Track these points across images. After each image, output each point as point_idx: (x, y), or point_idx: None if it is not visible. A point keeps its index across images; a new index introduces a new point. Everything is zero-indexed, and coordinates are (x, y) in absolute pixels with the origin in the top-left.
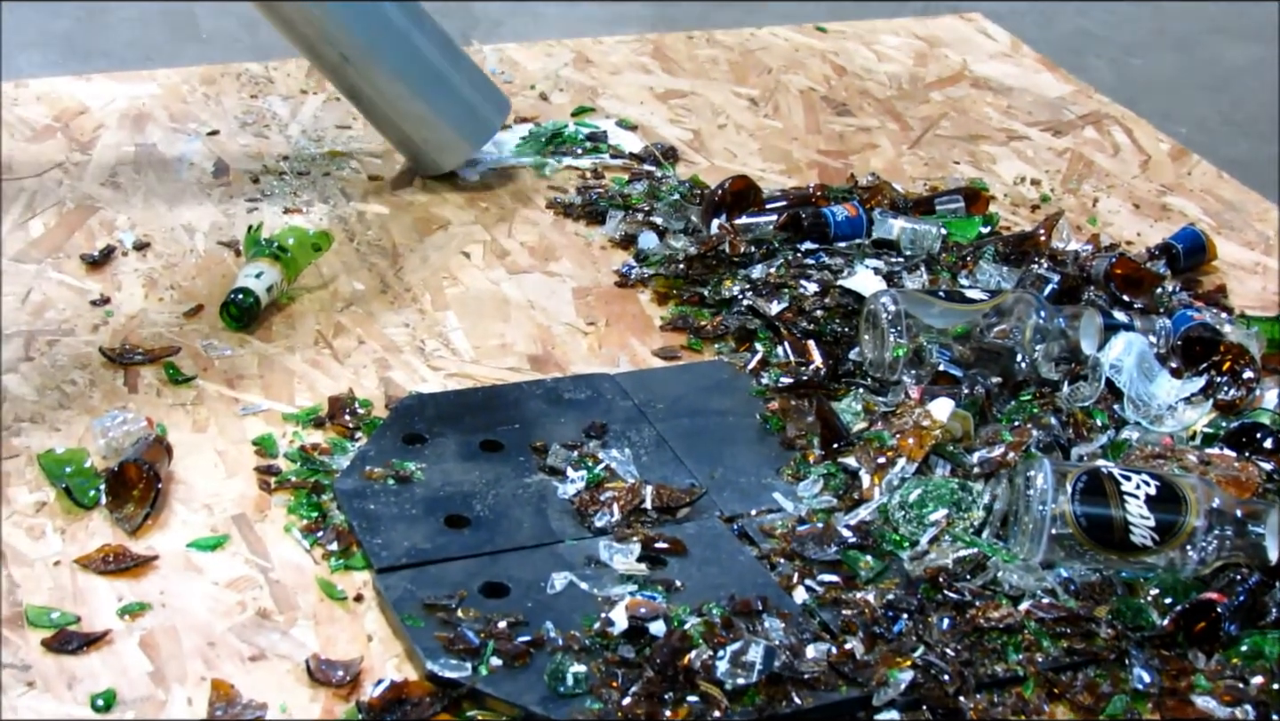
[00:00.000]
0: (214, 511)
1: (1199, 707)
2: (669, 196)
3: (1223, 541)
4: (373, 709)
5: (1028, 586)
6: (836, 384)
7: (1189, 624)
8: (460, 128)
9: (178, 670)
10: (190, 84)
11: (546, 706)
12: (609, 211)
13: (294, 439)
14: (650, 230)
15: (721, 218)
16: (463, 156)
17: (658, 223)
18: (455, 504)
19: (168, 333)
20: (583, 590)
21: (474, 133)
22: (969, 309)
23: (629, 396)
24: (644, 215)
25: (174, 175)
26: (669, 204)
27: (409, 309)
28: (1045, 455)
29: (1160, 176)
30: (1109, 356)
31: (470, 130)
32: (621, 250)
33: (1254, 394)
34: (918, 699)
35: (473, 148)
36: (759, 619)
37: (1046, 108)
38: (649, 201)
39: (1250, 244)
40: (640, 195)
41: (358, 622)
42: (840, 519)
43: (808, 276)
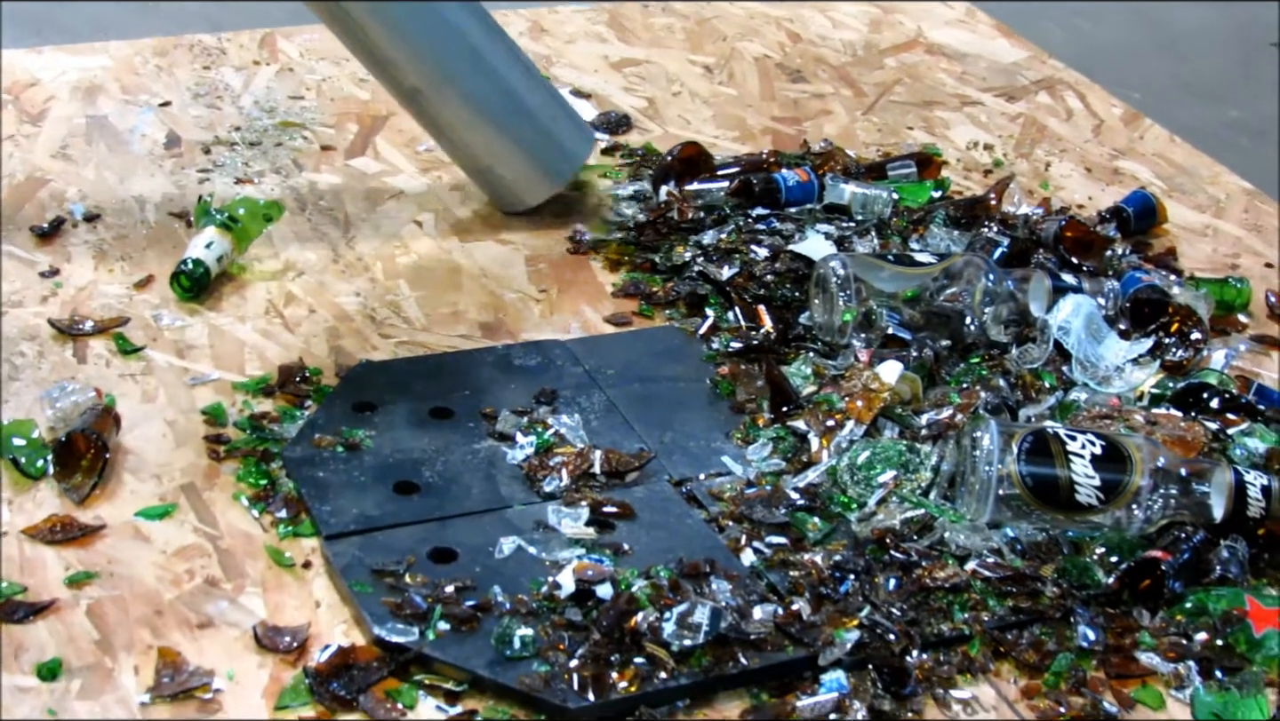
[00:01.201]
0: (162, 481)
1: (1143, 664)
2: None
3: (1168, 500)
4: (320, 674)
5: (974, 546)
6: (786, 348)
7: (1134, 582)
8: (543, 162)
9: (125, 639)
10: (142, 55)
11: (494, 670)
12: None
13: (243, 408)
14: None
15: (671, 184)
16: (545, 192)
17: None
18: (404, 470)
19: (117, 304)
20: (531, 554)
21: (557, 167)
22: (918, 272)
23: (579, 363)
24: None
25: (125, 147)
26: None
27: (360, 278)
28: (993, 417)
29: (1112, 141)
30: (1057, 319)
31: (553, 164)
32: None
33: (1201, 355)
34: (864, 658)
35: (556, 183)
36: (706, 581)
37: (1000, 73)
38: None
39: (1201, 207)
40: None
41: (306, 589)
42: (789, 481)
43: (759, 242)
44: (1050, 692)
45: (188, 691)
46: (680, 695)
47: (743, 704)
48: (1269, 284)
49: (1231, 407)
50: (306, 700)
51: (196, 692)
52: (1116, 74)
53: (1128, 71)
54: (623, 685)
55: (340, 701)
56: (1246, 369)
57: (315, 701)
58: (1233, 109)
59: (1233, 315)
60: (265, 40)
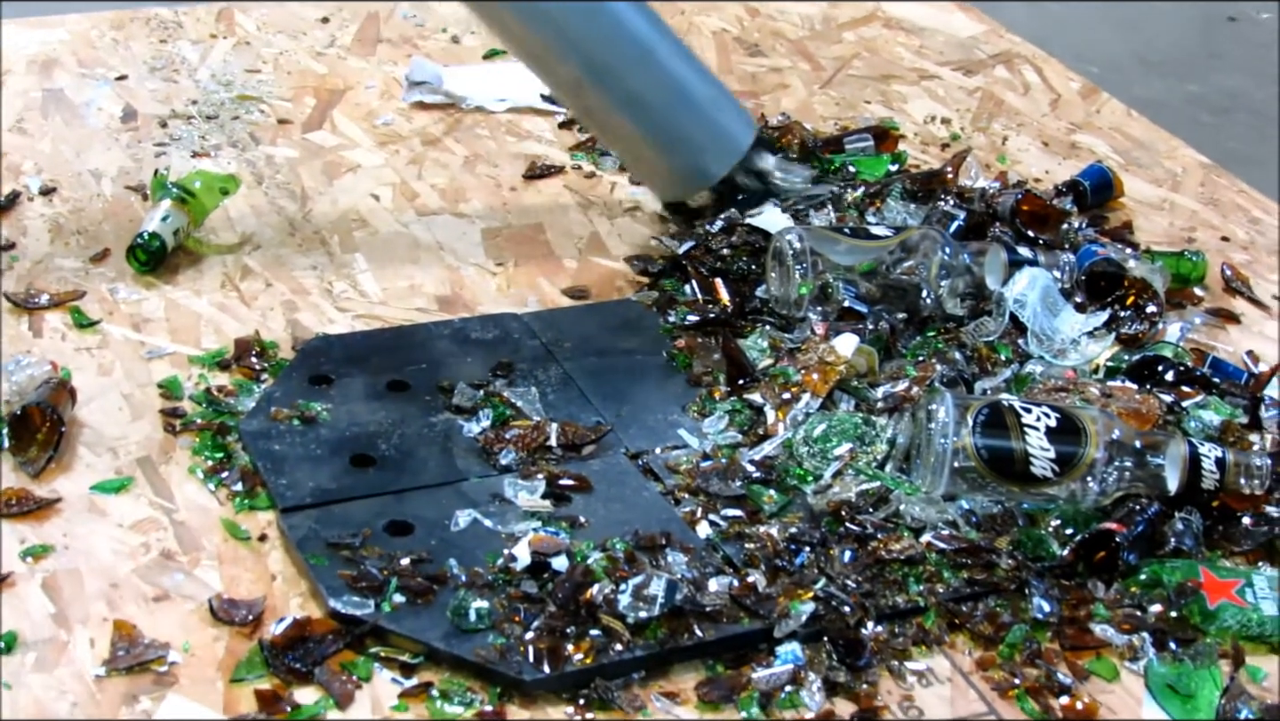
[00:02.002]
0: (118, 454)
1: (1097, 635)
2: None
3: (1123, 472)
4: (275, 647)
5: (929, 518)
6: (743, 321)
7: (1089, 554)
8: (706, 151)
9: (80, 612)
10: (99, 29)
11: (449, 642)
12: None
13: (200, 381)
14: None
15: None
16: (707, 181)
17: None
18: (361, 444)
19: (73, 277)
20: (487, 527)
21: (720, 155)
22: (875, 245)
23: (536, 336)
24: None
25: (81, 120)
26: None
27: (317, 251)
28: (948, 390)
29: (1069, 115)
30: (1013, 292)
31: (717, 153)
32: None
33: (1156, 328)
34: (819, 630)
35: (719, 172)
36: (662, 553)
37: (958, 47)
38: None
39: (1158, 181)
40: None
41: (262, 562)
42: (745, 454)
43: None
44: (1005, 664)
45: (143, 664)
46: (636, 667)
47: (698, 675)
48: (1225, 257)
49: (1186, 380)
50: (262, 672)
51: (152, 665)
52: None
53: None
54: (578, 657)
55: (296, 674)
56: (1202, 342)
57: (271, 674)
58: (1191, 84)
59: (1188, 288)
60: (222, 14)
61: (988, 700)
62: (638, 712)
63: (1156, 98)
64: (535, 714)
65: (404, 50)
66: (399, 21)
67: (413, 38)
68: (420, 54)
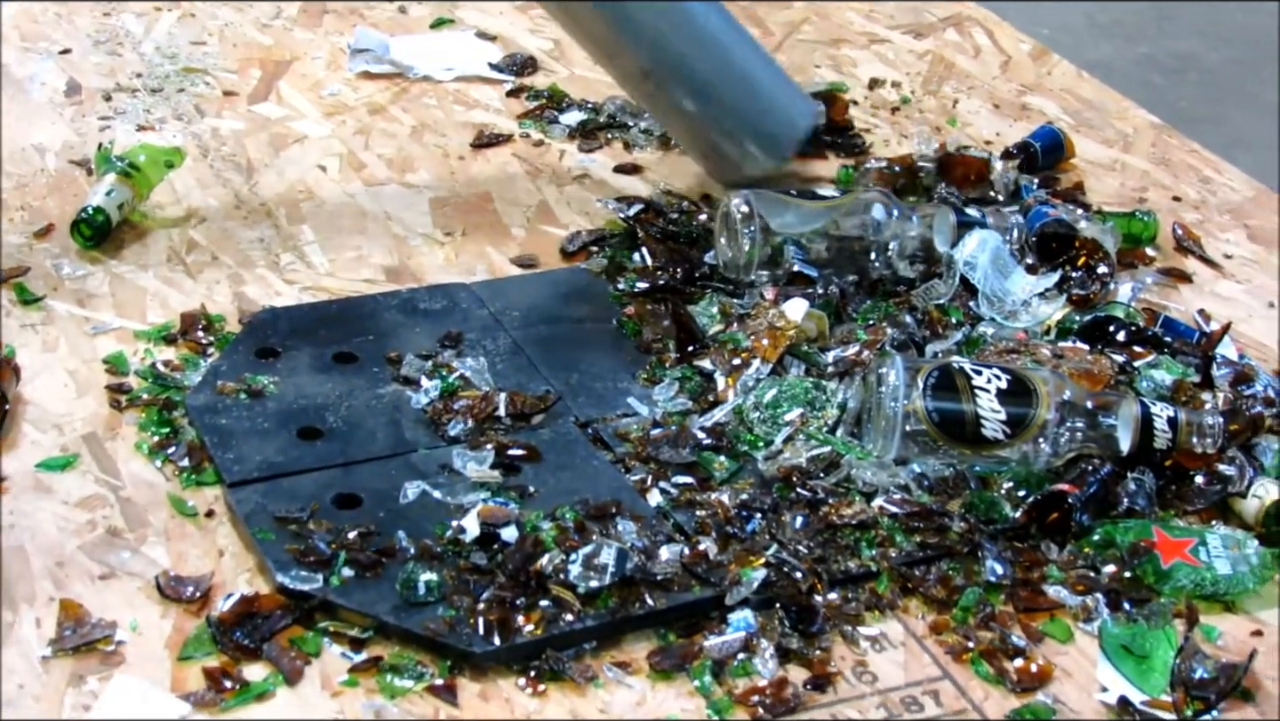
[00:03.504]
0: (64, 431)
1: (1051, 597)
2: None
3: (1074, 433)
4: (223, 623)
5: (881, 483)
6: (692, 287)
7: (1041, 515)
8: (769, 136)
9: (26, 591)
10: (42, 4)
11: (399, 615)
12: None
13: (145, 356)
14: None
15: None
16: (769, 166)
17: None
18: (308, 416)
19: (17, 253)
20: (436, 499)
21: (782, 140)
22: (822, 206)
23: (485, 305)
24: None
25: (25, 95)
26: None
27: (264, 224)
28: (899, 353)
29: (1020, 77)
30: (964, 254)
31: (779, 138)
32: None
33: (1108, 288)
34: (771, 597)
35: (781, 156)
36: (612, 522)
37: (909, 11)
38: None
39: (1109, 142)
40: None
41: (209, 538)
42: (695, 421)
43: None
44: (958, 627)
45: (90, 643)
46: (587, 637)
47: (650, 645)
48: (1176, 217)
49: (1138, 340)
50: (210, 650)
51: (99, 644)
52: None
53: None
54: (529, 628)
55: (244, 650)
56: (1154, 301)
57: (219, 651)
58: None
59: (1140, 248)
60: None
61: (941, 664)
62: (589, 683)
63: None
64: (486, 686)
65: (350, 21)
66: None
67: (359, 8)
68: (366, 25)
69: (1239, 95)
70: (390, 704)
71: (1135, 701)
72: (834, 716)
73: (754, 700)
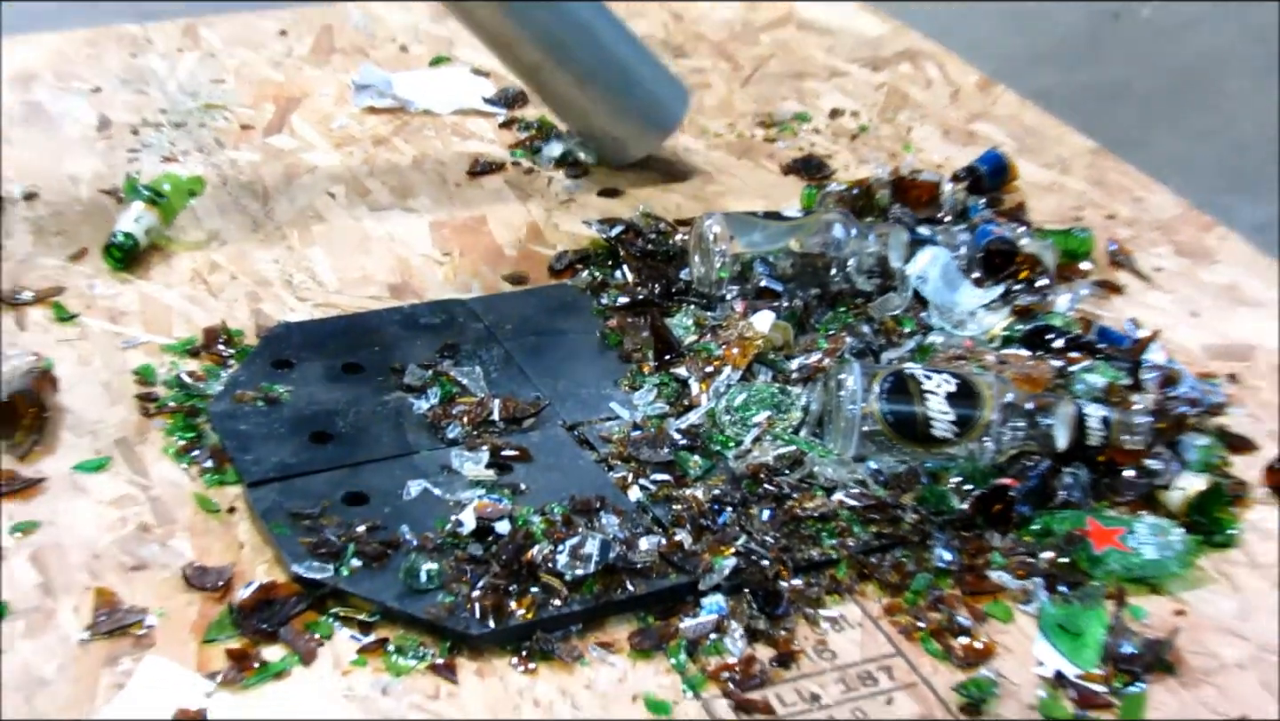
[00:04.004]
0: (98, 436)
1: (994, 581)
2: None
3: (1016, 432)
4: (243, 610)
5: (841, 478)
6: (669, 301)
7: (986, 507)
8: (647, 121)
9: (65, 581)
10: (74, 46)
11: (403, 601)
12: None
13: (172, 368)
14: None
15: None
16: (650, 147)
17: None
18: (320, 421)
19: (54, 274)
20: (436, 495)
21: (660, 124)
22: (787, 227)
23: (480, 319)
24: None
25: (59, 130)
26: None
27: (278, 246)
28: (857, 360)
29: (968, 106)
30: (915, 269)
31: (657, 122)
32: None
33: (1047, 299)
34: (740, 583)
35: (660, 138)
36: (597, 516)
37: (866, 46)
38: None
39: (1048, 165)
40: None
41: (230, 532)
42: (672, 423)
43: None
44: (910, 609)
45: (123, 628)
46: (573, 620)
47: (631, 626)
48: (1110, 233)
49: (1074, 347)
50: (232, 633)
51: (131, 629)
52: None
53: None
54: (520, 612)
55: (263, 634)
56: (1089, 311)
57: (240, 634)
58: (1079, 75)
59: (1076, 263)
60: (188, 29)
61: (895, 642)
62: (576, 662)
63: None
64: (482, 665)
65: (356, 59)
66: (351, 32)
67: (364, 47)
68: (370, 63)
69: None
70: (395, 681)
71: (1070, 675)
72: (797, 690)
73: (725, 676)
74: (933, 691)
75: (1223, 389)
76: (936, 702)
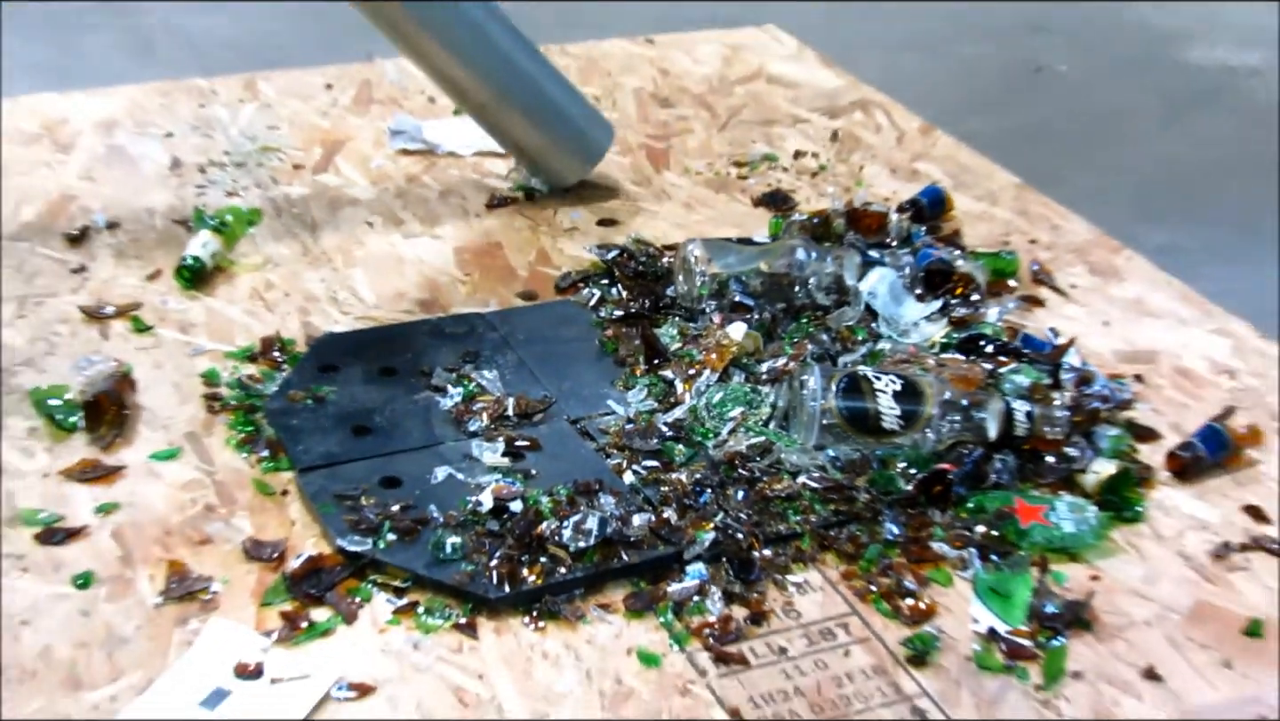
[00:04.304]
0: (170, 430)
1: (935, 551)
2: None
3: (953, 424)
4: (295, 577)
5: (804, 464)
6: (657, 314)
7: (928, 488)
8: (578, 151)
9: (142, 554)
10: (150, 97)
11: (431, 570)
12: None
13: (233, 371)
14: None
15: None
16: (581, 173)
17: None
18: (360, 417)
19: (133, 292)
20: (459, 479)
21: (589, 153)
22: (756, 251)
23: (496, 329)
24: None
25: (137, 169)
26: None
27: (325, 267)
28: (817, 363)
29: (911, 147)
30: (867, 286)
31: (586, 152)
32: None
33: (979, 311)
34: (719, 553)
35: (589, 165)
36: (596, 496)
37: (824, 97)
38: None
39: (979, 197)
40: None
41: (284, 512)
42: (660, 418)
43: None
44: (864, 575)
45: (191, 594)
46: (576, 585)
47: (625, 590)
48: (1033, 255)
49: (1003, 352)
50: (285, 597)
51: (198, 594)
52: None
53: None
54: (531, 579)
55: (311, 598)
56: (1015, 321)
57: (291, 598)
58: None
59: (1004, 281)
60: (247, 83)
61: (851, 603)
62: (579, 621)
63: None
64: (499, 624)
65: (391, 109)
66: (387, 86)
67: (398, 98)
68: (403, 112)
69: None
70: (425, 637)
71: (1001, 631)
72: (768, 644)
73: (706, 632)
74: (884, 645)
75: (1130, 387)
76: (887, 654)
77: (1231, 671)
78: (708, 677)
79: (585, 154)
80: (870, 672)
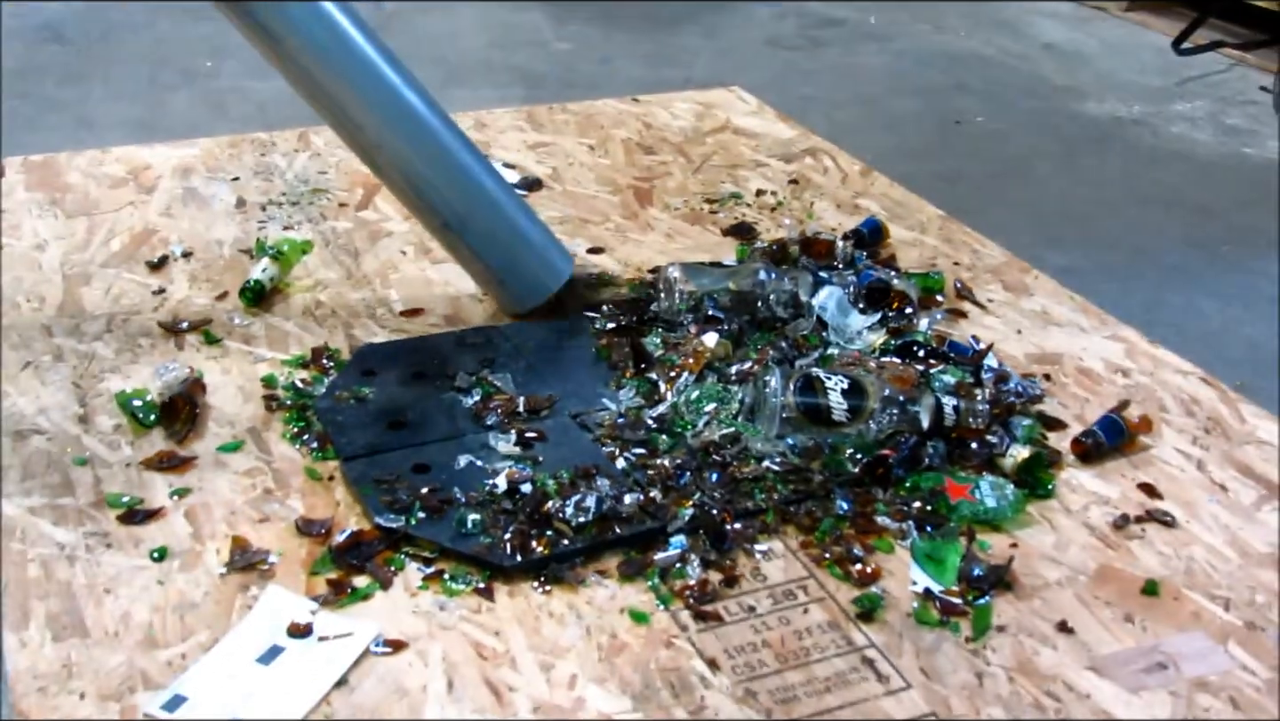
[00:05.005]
0: (235, 425)
1: (879, 524)
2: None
3: (892, 417)
4: (340, 550)
5: (767, 451)
6: (643, 326)
7: (872, 470)
8: (537, 275)
9: (210, 531)
10: (220, 147)
11: (455, 542)
12: None
13: (289, 376)
14: None
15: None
16: (540, 299)
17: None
18: (395, 413)
19: (204, 310)
20: (478, 466)
21: (547, 279)
22: (726, 273)
23: (510, 340)
24: None
25: (208, 207)
26: None
27: (366, 289)
28: (778, 366)
29: (854, 186)
30: (818, 301)
31: (544, 277)
32: None
33: (912, 322)
34: (696, 526)
35: (548, 291)
36: (593, 479)
37: (780, 145)
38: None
39: (911, 227)
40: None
41: (331, 494)
42: (646, 413)
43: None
44: (819, 544)
45: (252, 565)
46: (577, 555)
47: (619, 558)
48: (956, 275)
49: (932, 356)
50: (331, 567)
51: (258, 565)
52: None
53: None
54: (539, 549)
55: (353, 567)
56: (943, 330)
57: (336, 568)
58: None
59: (932, 296)
60: (302, 136)
61: (809, 568)
62: (580, 584)
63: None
64: (512, 588)
65: None
66: None
67: None
68: None
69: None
70: (450, 600)
71: (936, 591)
72: (739, 603)
73: (687, 594)
74: (837, 604)
75: (1040, 385)
76: (840, 612)
77: (1132, 625)
78: (689, 632)
79: (542, 278)
80: (826, 627)
